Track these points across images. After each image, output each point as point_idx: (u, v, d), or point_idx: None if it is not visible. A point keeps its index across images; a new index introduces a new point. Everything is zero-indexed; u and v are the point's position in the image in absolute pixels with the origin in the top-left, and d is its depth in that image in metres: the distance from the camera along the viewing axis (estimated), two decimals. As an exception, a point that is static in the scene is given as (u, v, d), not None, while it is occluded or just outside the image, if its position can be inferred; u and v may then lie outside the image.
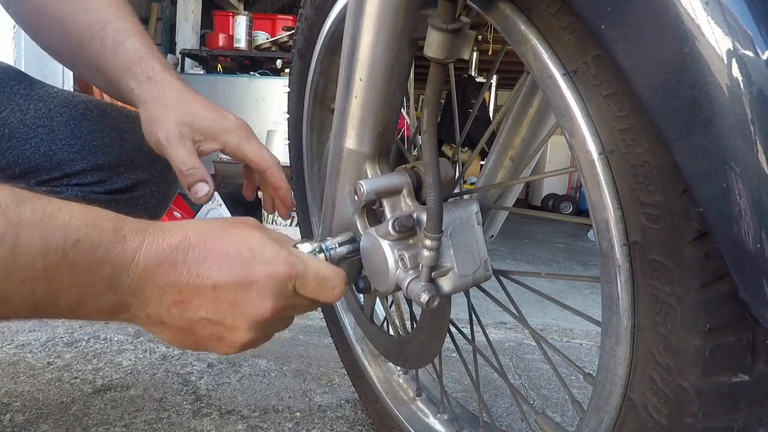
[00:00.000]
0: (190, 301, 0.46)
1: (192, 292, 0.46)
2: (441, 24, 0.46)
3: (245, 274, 0.47)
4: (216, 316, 0.47)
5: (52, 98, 0.77)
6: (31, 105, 0.74)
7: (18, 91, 0.74)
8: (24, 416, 0.98)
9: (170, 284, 0.45)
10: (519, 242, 3.64)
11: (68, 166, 0.76)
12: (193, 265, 0.46)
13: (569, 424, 1.13)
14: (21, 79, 0.76)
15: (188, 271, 0.46)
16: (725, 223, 0.33)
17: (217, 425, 1.00)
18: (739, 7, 0.30)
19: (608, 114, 0.40)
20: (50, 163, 0.75)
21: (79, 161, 0.76)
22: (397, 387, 0.94)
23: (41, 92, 0.77)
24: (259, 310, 0.48)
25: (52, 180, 0.76)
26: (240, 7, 4.61)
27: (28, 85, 0.76)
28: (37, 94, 0.76)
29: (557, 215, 5.22)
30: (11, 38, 2.01)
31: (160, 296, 0.45)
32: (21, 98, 0.74)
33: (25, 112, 0.73)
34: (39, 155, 0.74)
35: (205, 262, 0.46)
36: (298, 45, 0.89)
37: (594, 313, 0.51)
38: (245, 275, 0.47)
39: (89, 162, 0.77)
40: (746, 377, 0.40)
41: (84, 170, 0.77)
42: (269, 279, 0.48)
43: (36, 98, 0.75)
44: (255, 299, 0.47)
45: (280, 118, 3.37)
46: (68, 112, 0.77)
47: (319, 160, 0.95)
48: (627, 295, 0.43)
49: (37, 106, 0.75)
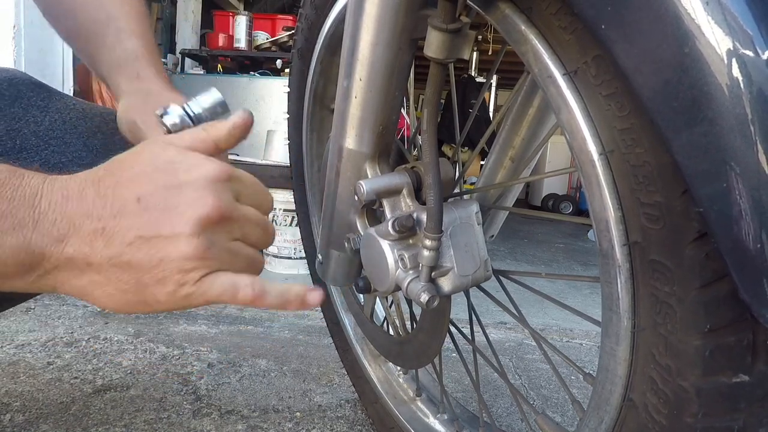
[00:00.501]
0: (114, 225, 0.40)
1: (113, 214, 0.40)
2: (441, 24, 0.46)
3: (172, 179, 0.41)
4: (150, 228, 0.40)
5: (69, 110, 0.77)
6: (47, 116, 0.75)
7: (35, 103, 0.75)
8: (24, 416, 0.98)
9: (84, 214, 0.39)
10: (519, 242, 3.64)
11: None
12: (108, 190, 0.40)
13: (569, 424, 1.13)
14: (40, 91, 0.76)
15: (103, 196, 0.40)
16: (725, 223, 0.33)
17: (217, 425, 1.00)
18: (739, 7, 0.30)
19: (608, 114, 0.40)
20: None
21: None
22: (397, 387, 0.94)
23: (59, 104, 0.77)
24: (199, 206, 0.41)
25: None
26: (240, 7, 4.61)
27: (46, 96, 0.76)
28: (54, 105, 0.76)
29: (557, 215, 5.21)
30: (11, 38, 2.01)
31: (77, 230, 0.39)
32: (37, 109, 0.74)
33: (39, 124, 0.73)
34: (48, 167, 0.74)
35: (120, 185, 0.41)
36: (298, 45, 0.89)
37: (594, 313, 0.51)
38: (172, 180, 0.41)
39: None
40: (746, 377, 0.40)
41: None
42: (202, 178, 0.42)
43: (53, 110, 0.75)
44: (191, 197, 0.41)
45: (280, 118, 3.37)
46: (83, 125, 0.77)
47: (319, 160, 0.95)
48: (627, 296, 0.43)
49: (52, 118, 0.75)
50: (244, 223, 0.45)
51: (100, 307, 0.42)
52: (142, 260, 0.40)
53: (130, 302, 0.41)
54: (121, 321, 1.50)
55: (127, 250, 0.40)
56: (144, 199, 0.40)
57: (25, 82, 0.76)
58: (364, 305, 0.83)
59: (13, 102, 0.72)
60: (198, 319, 1.56)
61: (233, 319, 1.58)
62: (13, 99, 0.72)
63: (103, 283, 0.41)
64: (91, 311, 1.56)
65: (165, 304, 0.42)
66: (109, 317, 1.52)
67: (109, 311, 0.43)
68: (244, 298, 0.44)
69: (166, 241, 0.40)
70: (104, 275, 0.40)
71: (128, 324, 1.48)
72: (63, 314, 1.52)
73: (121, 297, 0.41)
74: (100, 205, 0.40)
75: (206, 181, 0.42)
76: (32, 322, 1.43)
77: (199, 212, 0.41)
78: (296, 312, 1.69)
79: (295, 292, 0.47)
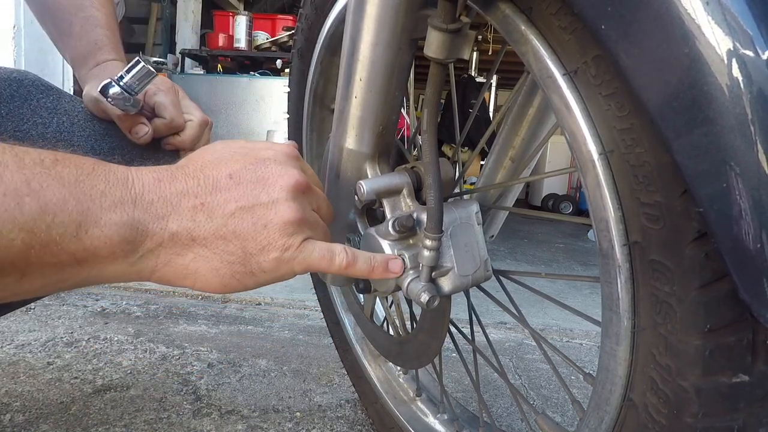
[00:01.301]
0: (213, 200, 0.41)
1: (209, 190, 0.41)
2: (441, 24, 0.46)
3: (255, 156, 0.44)
4: (248, 198, 0.42)
5: (78, 112, 0.78)
6: (55, 118, 0.75)
7: (44, 104, 0.75)
8: (24, 416, 0.98)
9: (180, 192, 0.41)
10: (519, 242, 3.64)
11: None
12: (197, 172, 0.42)
13: (569, 424, 1.13)
14: (49, 92, 0.77)
15: (194, 177, 0.42)
16: (725, 223, 0.33)
17: (217, 425, 1.00)
18: (739, 7, 0.30)
19: (608, 114, 0.40)
20: None
21: None
22: (397, 387, 0.94)
23: (68, 106, 0.77)
24: (288, 176, 0.44)
25: None
26: (240, 7, 4.62)
27: (55, 98, 0.77)
28: (62, 108, 0.77)
29: (557, 215, 5.21)
30: (11, 38, 2.01)
31: (176, 208, 0.40)
32: (45, 111, 0.75)
33: (47, 126, 0.74)
34: None
35: (206, 167, 0.43)
36: (298, 45, 0.89)
37: (594, 313, 0.51)
38: (255, 157, 0.44)
39: None
40: (746, 377, 0.40)
41: None
42: (280, 154, 0.45)
43: (61, 112, 0.76)
44: (277, 168, 0.44)
45: (280, 118, 3.37)
46: (91, 127, 0.77)
47: (319, 160, 0.95)
48: (627, 295, 0.43)
49: (60, 120, 0.75)
50: (318, 195, 0.48)
51: (201, 288, 0.42)
52: (246, 228, 0.41)
53: (236, 274, 0.42)
54: (121, 321, 1.50)
55: (230, 221, 0.41)
56: (235, 175, 0.42)
57: (35, 83, 0.77)
58: (364, 305, 0.83)
59: (23, 104, 0.73)
60: (198, 319, 1.56)
61: (233, 319, 1.58)
62: (22, 101, 0.73)
63: (209, 257, 0.41)
64: (91, 311, 1.56)
65: (269, 273, 0.43)
66: (109, 317, 1.52)
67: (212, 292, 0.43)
68: (340, 263, 0.46)
69: (266, 208, 0.42)
70: (210, 248, 0.41)
71: (128, 324, 1.48)
72: (63, 314, 1.52)
73: (227, 270, 0.41)
74: (194, 184, 0.41)
75: (285, 156, 0.45)
76: (32, 322, 1.43)
77: (289, 180, 0.44)
78: (296, 312, 1.69)
79: (380, 259, 0.50)
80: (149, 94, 0.76)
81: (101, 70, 0.76)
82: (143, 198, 0.39)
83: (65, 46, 0.79)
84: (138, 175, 0.40)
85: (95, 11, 0.77)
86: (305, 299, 1.77)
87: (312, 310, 1.71)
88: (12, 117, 0.71)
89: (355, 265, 0.47)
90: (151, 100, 0.76)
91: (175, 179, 0.41)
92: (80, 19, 0.76)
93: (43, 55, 2.11)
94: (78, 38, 0.76)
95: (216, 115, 3.47)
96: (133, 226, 0.38)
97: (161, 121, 0.76)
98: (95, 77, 0.75)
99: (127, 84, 0.67)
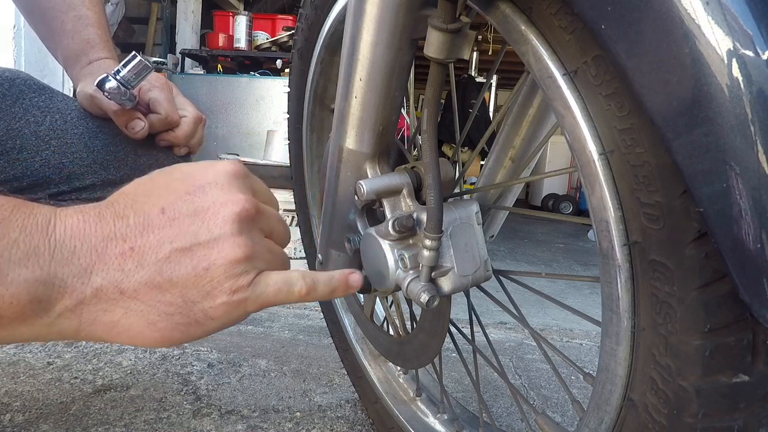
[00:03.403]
0: (143, 243, 0.35)
1: (139, 231, 0.36)
2: (441, 24, 0.46)
3: (191, 183, 0.38)
4: (185, 238, 0.36)
5: (70, 111, 0.78)
6: (48, 117, 0.75)
7: (36, 103, 0.75)
8: (24, 416, 0.98)
9: (106, 236, 0.35)
10: (519, 242, 3.64)
11: (78, 180, 0.76)
12: (127, 209, 0.37)
13: (569, 424, 1.13)
14: (41, 91, 0.77)
15: (123, 215, 0.36)
16: (725, 223, 0.33)
17: (217, 425, 1.00)
18: (739, 7, 0.30)
19: (608, 114, 0.40)
20: (60, 176, 0.75)
21: (89, 175, 0.76)
22: (397, 387, 0.94)
23: (60, 104, 0.77)
24: (231, 203, 0.38)
25: (61, 193, 0.75)
26: (240, 7, 4.61)
27: (48, 97, 0.77)
28: (55, 106, 0.77)
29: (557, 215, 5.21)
30: (11, 38, 2.01)
31: (101, 257, 0.34)
32: (38, 110, 0.75)
33: (40, 124, 0.74)
34: (49, 167, 0.74)
35: (137, 201, 0.37)
36: (298, 45, 0.89)
37: (594, 313, 0.51)
38: (192, 184, 0.38)
39: (100, 176, 0.77)
40: (746, 377, 0.40)
41: (94, 184, 0.77)
42: (222, 175, 0.39)
43: (54, 110, 0.76)
44: (218, 195, 0.38)
45: (280, 118, 3.37)
46: (84, 125, 0.77)
47: (319, 160, 0.95)
48: (627, 295, 0.43)
49: (53, 118, 0.75)
50: (270, 217, 0.42)
51: (139, 345, 0.36)
52: (185, 274, 0.36)
53: (179, 326, 0.36)
54: (121, 321, 1.50)
55: (165, 267, 0.35)
56: (169, 208, 0.37)
57: (27, 82, 0.77)
58: (364, 305, 0.83)
59: (15, 102, 0.73)
60: (198, 319, 1.56)
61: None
62: (14, 99, 0.73)
63: (143, 311, 0.35)
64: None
65: (219, 320, 0.37)
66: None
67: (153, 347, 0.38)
68: (300, 292, 0.41)
69: (207, 247, 0.36)
70: (143, 301, 0.35)
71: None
72: (63, 314, 1.51)
73: (166, 323, 0.36)
74: (123, 225, 0.36)
75: (227, 177, 0.39)
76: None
77: (233, 209, 0.37)
78: (296, 312, 1.69)
79: (338, 278, 0.45)
80: (144, 91, 0.76)
81: (94, 68, 0.76)
82: (64, 246, 0.34)
83: (57, 45, 0.79)
84: (62, 217, 0.35)
85: (86, 10, 0.78)
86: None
87: (312, 310, 1.71)
88: (4, 116, 0.71)
89: (316, 290, 0.42)
90: (145, 96, 0.76)
91: (102, 220, 0.36)
92: (72, 18, 0.76)
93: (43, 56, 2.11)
94: (70, 36, 0.76)
95: (216, 115, 3.47)
96: (47, 282, 0.33)
97: (156, 116, 0.76)
98: (88, 75, 0.75)
99: (124, 77, 0.67)
